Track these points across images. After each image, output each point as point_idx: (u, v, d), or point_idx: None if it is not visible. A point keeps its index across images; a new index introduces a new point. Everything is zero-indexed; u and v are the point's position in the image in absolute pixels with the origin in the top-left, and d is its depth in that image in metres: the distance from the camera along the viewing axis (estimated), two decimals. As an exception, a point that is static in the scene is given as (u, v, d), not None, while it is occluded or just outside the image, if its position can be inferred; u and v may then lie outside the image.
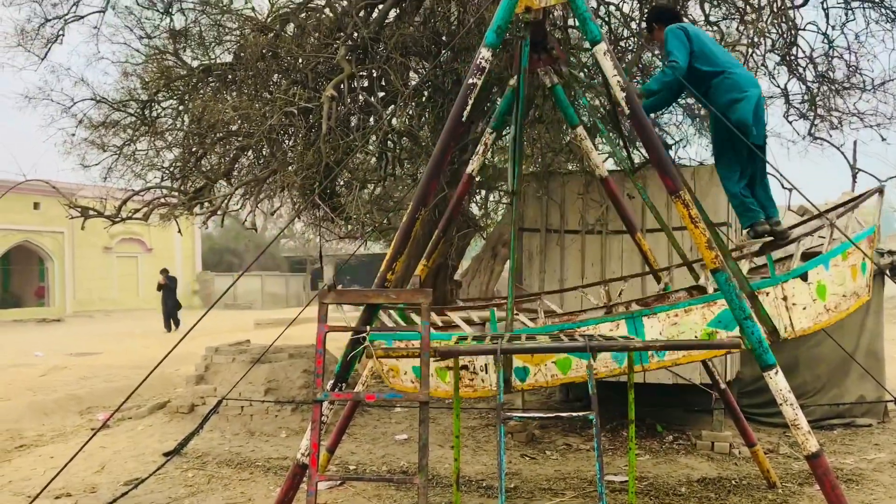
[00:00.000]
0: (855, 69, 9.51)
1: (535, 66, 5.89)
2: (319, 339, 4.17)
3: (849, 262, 5.63)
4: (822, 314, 5.48)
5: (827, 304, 5.47)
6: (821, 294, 5.42)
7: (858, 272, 5.70)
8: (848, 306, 5.63)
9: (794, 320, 5.35)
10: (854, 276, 5.66)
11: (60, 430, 9.83)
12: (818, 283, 5.40)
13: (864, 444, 8.48)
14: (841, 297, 5.57)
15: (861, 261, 5.70)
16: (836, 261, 5.59)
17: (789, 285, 5.36)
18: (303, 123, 8.78)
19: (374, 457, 8.16)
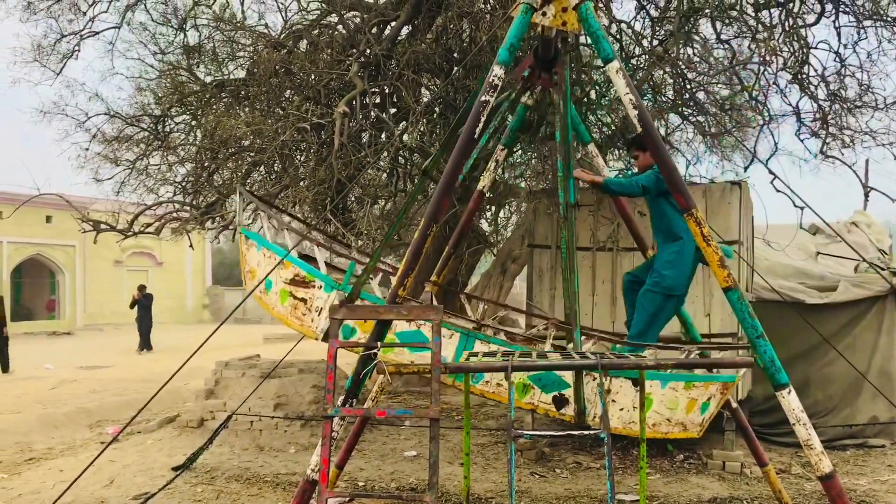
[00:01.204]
0: (867, 88, 9.48)
1: (545, 85, 5.92)
2: (331, 355, 4.16)
3: (690, 393, 5.53)
4: (634, 424, 5.39)
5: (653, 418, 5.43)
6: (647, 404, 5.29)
7: (697, 409, 5.60)
8: (666, 431, 5.57)
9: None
10: (689, 409, 5.56)
11: (70, 443, 9.84)
12: (648, 395, 5.28)
13: (877, 465, 8.40)
14: (664, 419, 5.50)
15: (705, 401, 5.59)
16: (676, 385, 5.51)
17: (617, 382, 5.34)
18: (315, 139, 8.83)
19: (383, 473, 8.13)
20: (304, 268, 5.73)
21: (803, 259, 10.42)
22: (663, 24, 9.32)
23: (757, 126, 10.20)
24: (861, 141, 9.85)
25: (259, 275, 6.00)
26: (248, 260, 6.38)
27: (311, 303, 5.64)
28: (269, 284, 5.89)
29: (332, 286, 5.57)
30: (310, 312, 5.63)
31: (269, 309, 6.03)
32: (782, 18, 9.08)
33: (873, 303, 9.37)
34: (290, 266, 5.75)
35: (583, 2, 4.81)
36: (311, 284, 5.66)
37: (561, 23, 5.03)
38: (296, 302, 5.70)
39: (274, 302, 5.88)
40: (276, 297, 5.85)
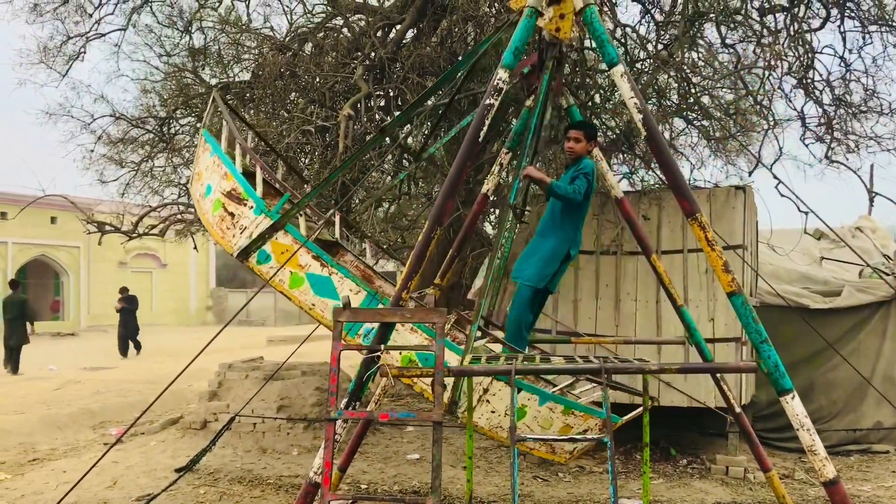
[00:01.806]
0: (872, 93, 9.47)
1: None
2: (334, 358, 4.16)
3: (567, 419, 5.46)
4: (500, 430, 5.39)
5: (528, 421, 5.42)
6: (517, 414, 5.29)
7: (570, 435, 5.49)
8: (531, 446, 5.58)
9: (476, 411, 5.34)
10: (562, 433, 5.48)
11: (73, 444, 9.85)
12: (521, 406, 5.30)
13: (881, 470, 8.38)
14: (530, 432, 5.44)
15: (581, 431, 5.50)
16: (555, 407, 5.45)
17: (496, 385, 5.32)
18: (319, 142, 8.85)
19: (385, 476, 8.12)
20: (243, 185, 5.75)
21: (807, 264, 10.41)
22: (668, 29, 9.31)
23: (762, 130, 10.18)
24: (866, 146, 9.83)
25: (204, 179, 6.05)
26: (199, 162, 6.42)
27: (238, 220, 5.67)
28: (210, 190, 5.94)
29: (262, 210, 5.59)
30: (233, 228, 5.69)
31: (201, 213, 6.09)
32: (787, 23, 9.08)
33: (878, 308, 9.35)
34: (232, 179, 5.78)
35: (588, 6, 4.81)
36: (244, 202, 5.68)
37: (554, 28, 5.04)
38: (225, 214, 5.73)
39: (207, 208, 5.93)
40: (210, 205, 5.90)
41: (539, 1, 4.88)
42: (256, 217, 5.60)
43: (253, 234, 5.55)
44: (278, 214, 5.51)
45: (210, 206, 5.89)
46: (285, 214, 5.48)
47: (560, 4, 4.94)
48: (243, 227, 5.63)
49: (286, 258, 5.43)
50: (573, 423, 5.53)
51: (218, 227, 5.79)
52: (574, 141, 5.94)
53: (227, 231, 5.72)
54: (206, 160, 6.22)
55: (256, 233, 5.51)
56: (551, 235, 5.89)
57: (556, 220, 5.90)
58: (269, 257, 5.57)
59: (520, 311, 5.90)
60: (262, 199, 5.77)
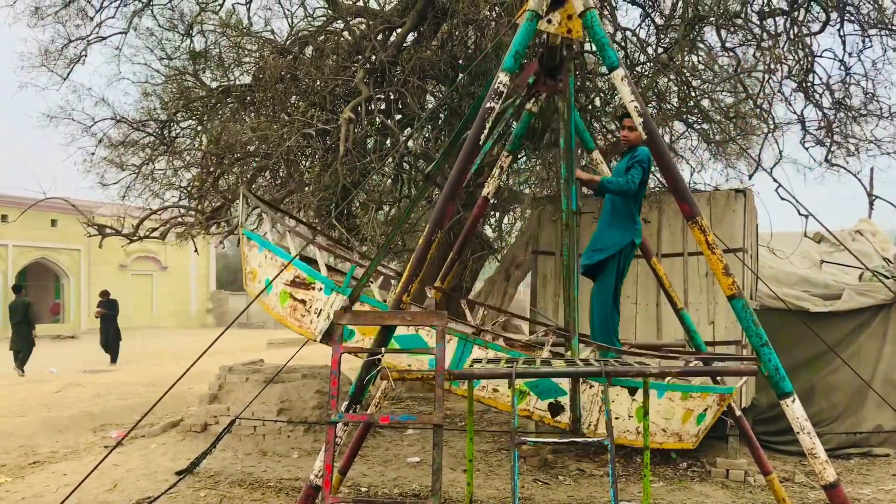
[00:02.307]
0: (872, 96, 9.50)
1: (550, 91, 5.94)
2: (335, 361, 4.18)
3: (686, 404, 5.54)
4: (629, 433, 5.44)
5: (640, 426, 5.40)
6: (638, 415, 5.34)
7: (692, 420, 5.60)
8: (661, 441, 5.58)
9: (599, 423, 5.36)
10: (685, 420, 5.57)
11: (74, 447, 9.85)
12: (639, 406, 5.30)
13: (881, 474, 8.37)
14: (659, 429, 5.51)
15: (702, 412, 5.60)
16: (673, 396, 5.53)
17: (614, 390, 5.33)
18: (320, 145, 8.86)
19: (385, 479, 8.12)
20: (305, 270, 5.75)
21: (807, 267, 10.41)
22: (668, 32, 9.34)
23: (762, 134, 10.21)
24: (866, 149, 9.86)
25: (259, 276, 6.03)
26: (249, 261, 6.41)
27: (311, 304, 5.65)
28: (270, 286, 5.92)
29: (332, 288, 5.59)
30: (309, 314, 5.65)
31: (268, 310, 6.05)
32: (787, 27, 9.10)
33: (878, 311, 9.35)
34: (291, 268, 5.77)
35: (588, 9, 4.83)
36: (312, 286, 5.67)
37: (566, 30, 5.06)
38: (295, 303, 5.72)
39: (274, 303, 5.90)
40: (276, 299, 5.88)
41: (540, 4, 4.89)
42: (328, 296, 5.58)
43: (330, 314, 5.51)
44: (350, 288, 5.47)
45: (276, 299, 5.84)
46: (357, 287, 5.40)
47: (564, 6, 4.96)
48: (318, 311, 5.60)
49: (370, 328, 5.31)
50: (693, 406, 5.59)
51: (292, 317, 5.73)
52: (629, 129, 6.01)
53: (304, 318, 5.67)
54: (257, 257, 6.20)
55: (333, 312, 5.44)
56: (612, 227, 5.97)
57: (617, 211, 5.96)
58: (353, 332, 5.54)
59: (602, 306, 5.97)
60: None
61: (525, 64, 5.83)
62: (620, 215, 5.96)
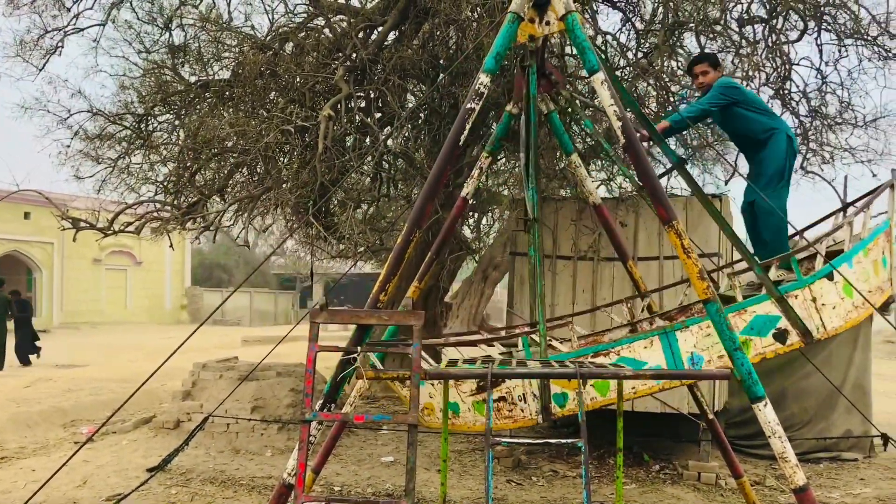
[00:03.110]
0: (847, 105, 9.62)
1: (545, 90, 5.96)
2: (310, 359, 4.15)
3: (870, 257, 5.65)
4: (852, 311, 5.47)
5: (855, 300, 5.45)
6: (848, 292, 5.42)
7: (880, 266, 5.72)
8: (875, 301, 5.63)
9: (825, 320, 5.35)
10: (877, 271, 5.68)
11: (43, 442, 9.73)
12: (844, 284, 5.40)
13: (850, 478, 8.48)
14: (867, 293, 5.58)
15: (882, 255, 5.72)
16: (859, 258, 5.60)
17: (817, 286, 5.35)
18: (299, 142, 8.81)
19: (359, 478, 8.10)
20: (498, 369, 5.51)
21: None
22: (648, 37, 9.40)
23: (738, 140, 10.28)
24: (840, 157, 9.98)
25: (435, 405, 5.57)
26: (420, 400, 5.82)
27: (510, 394, 5.40)
28: (455, 407, 5.52)
29: None
30: (516, 404, 5.39)
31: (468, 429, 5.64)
32: (766, 34, 9.20)
33: (849, 318, 9.45)
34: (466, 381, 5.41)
35: (570, 13, 4.84)
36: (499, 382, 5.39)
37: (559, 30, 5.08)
38: (497, 405, 5.44)
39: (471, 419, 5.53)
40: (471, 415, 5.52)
41: (521, 6, 4.90)
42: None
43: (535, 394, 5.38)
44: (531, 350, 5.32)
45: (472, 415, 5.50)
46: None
47: (546, 8, 4.97)
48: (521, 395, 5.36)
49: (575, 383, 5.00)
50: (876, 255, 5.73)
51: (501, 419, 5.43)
52: (702, 75, 6.25)
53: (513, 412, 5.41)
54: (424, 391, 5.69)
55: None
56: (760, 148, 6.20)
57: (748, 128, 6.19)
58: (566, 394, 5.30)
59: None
60: None
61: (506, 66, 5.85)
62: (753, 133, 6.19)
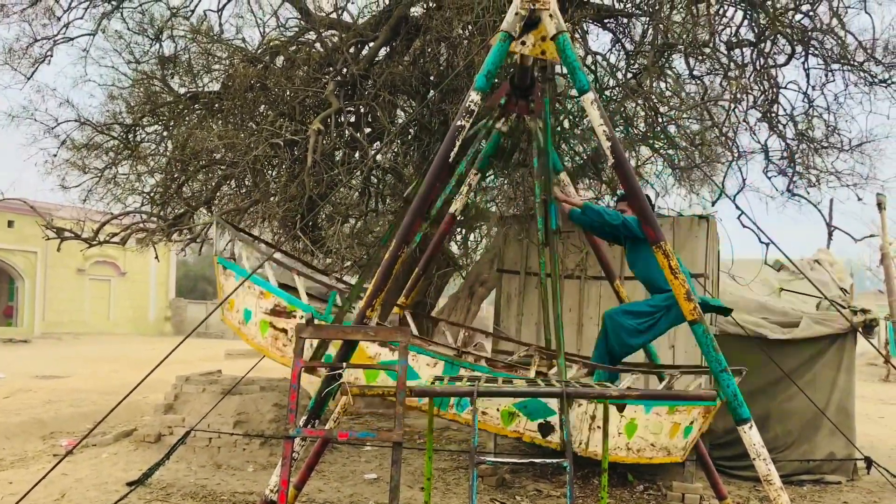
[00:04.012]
0: (833, 129, 9.70)
1: (521, 112, 5.98)
2: (294, 375, 4.12)
3: (673, 418, 5.58)
4: (620, 450, 5.46)
5: (630, 443, 5.47)
6: (628, 431, 5.41)
7: (680, 433, 5.66)
8: (651, 456, 5.60)
9: (590, 441, 5.40)
10: (673, 433, 5.62)
11: (21, 454, 9.60)
12: (630, 420, 5.39)
13: (833, 501, 8.48)
14: (648, 444, 5.55)
15: (688, 425, 5.67)
16: (660, 410, 5.55)
17: (602, 408, 5.34)
18: (288, 155, 8.80)
19: (342, 495, 8.03)
20: (285, 297, 5.67)
21: (767, 294, 10.55)
22: (637, 58, 9.46)
23: (726, 162, 10.37)
24: (826, 181, 10.05)
25: (237, 305, 5.93)
26: (225, 290, 6.27)
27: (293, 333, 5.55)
28: (249, 315, 5.80)
29: (315, 316, 5.50)
30: (290, 343, 5.54)
31: (248, 340, 5.91)
32: (754, 58, 9.28)
33: (834, 340, 9.49)
34: (271, 296, 5.67)
35: (561, 32, 4.87)
36: (293, 315, 5.57)
37: (540, 52, 5.09)
38: (277, 333, 5.61)
39: (254, 333, 5.77)
40: (255, 329, 5.76)
41: (513, 25, 4.92)
42: None
43: (313, 343, 5.45)
44: (332, 315, 5.40)
45: (256, 329, 5.76)
46: (339, 314, 5.33)
47: (538, 28, 5.00)
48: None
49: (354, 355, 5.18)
50: (680, 420, 5.58)
51: (273, 347, 5.64)
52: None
53: (286, 348, 5.59)
54: (234, 286, 6.10)
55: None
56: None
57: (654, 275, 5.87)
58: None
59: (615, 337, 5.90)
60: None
61: (496, 84, 5.87)
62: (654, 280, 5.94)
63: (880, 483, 9.05)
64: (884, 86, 9.02)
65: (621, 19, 9.62)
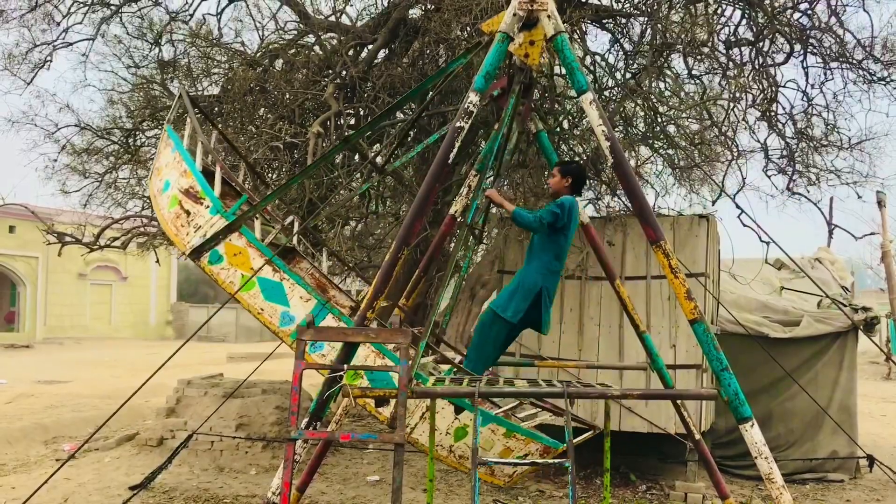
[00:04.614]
0: (833, 127, 9.68)
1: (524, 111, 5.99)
2: (296, 377, 4.12)
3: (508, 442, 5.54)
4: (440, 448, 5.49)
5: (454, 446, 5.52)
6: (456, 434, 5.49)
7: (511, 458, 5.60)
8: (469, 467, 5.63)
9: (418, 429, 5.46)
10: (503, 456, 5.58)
11: (24, 459, 9.61)
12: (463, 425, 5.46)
13: (835, 499, 8.48)
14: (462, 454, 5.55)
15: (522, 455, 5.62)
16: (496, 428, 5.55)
17: (440, 403, 5.36)
18: (288, 158, 8.81)
19: (344, 498, 8.04)
20: (201, 184, 5.72)
21: (768, 293, 10.55)
22: (636, 58, 9.46)
23: (725, 161, 10.36)
24: (826, 179, 10.03)
25: (163, 176, 6.03)
26: (160, 158, 6.39)
27: (193, 218, 5.66)
28: (168, 186, 5.91)
29: (219, 210, 5.57)
30: (188, 226, 5.68)
31: (157, 209, 6.08)
32: (752, 57, 9.27)
33: (835, 339, 9.50)
34: (191, 177, 5.75)
35: (559, 33, 4.87)
36: (201, 201, 5.67)
37: (523, 54, 5.10)
38: (180, 212, 5.71)
39: (164, 204, 5.90)
40: (167, 200, 5.88)
41: (511, 26, 4.93)
42: (212, 217, 5.59)
43: (207, 233, 5.53)
44: (234, 216, 5.49)
45: (167, 202, 5.86)
46: (241, 216, 5.48)
47: (531, 31, 5.00)
48: (198, 226, 5.61)
49: (239, 261, 5.44)
50: (514, 447, 5.56)
51: (172, 223, 5.75)
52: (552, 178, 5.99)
53: (182, 229, 5.69)
54: (168, 156, 6.19)
55: (211, 233, 5.51)
56: (525, 267, 5.80)
57: (532, 252, 5.82)
58: (222, 258, 5.55)
59: (479, 338, 5.79)
60: (221, 200, 5.74)
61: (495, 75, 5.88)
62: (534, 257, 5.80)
63: (883, 481, 9.05)
64: (883, 83, 9.01)
65: (620, 19, 9.61)
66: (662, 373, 6.32)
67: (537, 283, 5.63)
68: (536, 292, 5.62)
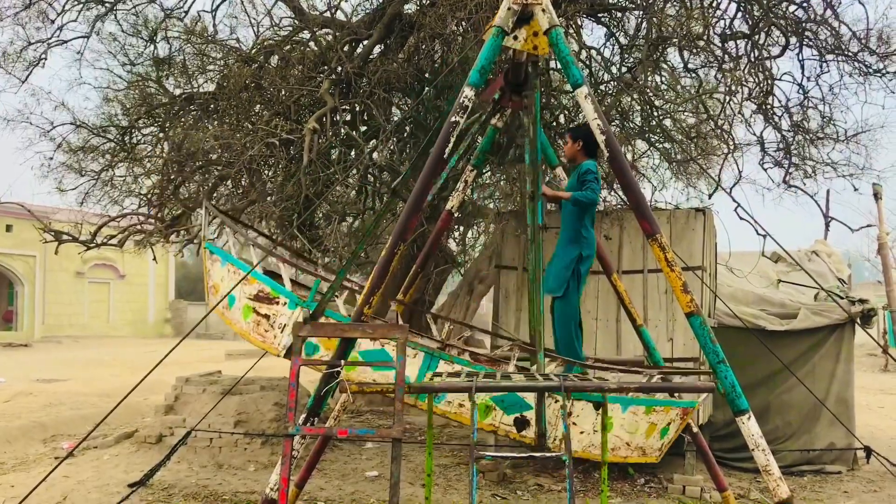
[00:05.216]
0: (829, 120, 9.68)
1: (515, 107, 5.99)
2: (293, 373, 4.12)
3: (650, 418, 5.59)
4: (593, 448, 5.46)
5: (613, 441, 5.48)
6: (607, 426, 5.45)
7: (656, 434, 5.67)
8: (625, 455, 5.62)
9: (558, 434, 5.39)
10: (649, 434, 5.63)
11: (23, 458, 9.61)
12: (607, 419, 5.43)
13: (833, 491, 8.50)
14: (623, 443, 5.56)
15: (665, 426, 5.68)
16: (637, 410, 5.58)
17: (579, 405, 5.38)
18: (284, 155, 8.80)
19: (343, 493, 8.05)
20: (269, 284, 5.71)
21: (765, 286, 10.57)
22: (632, 52, 9.46)
23: (722, 154, 10.37)
24: (823, 171, 10.05)
25: (223, 290, 5.97)
26: (211, 275, 6.34)
27: (275, 319, 5.61)
28: (233, 300, 5.86)
29: (297, 303, 5.54)
30: (272, 329, 5.60)
31: (231, 324, 5.99)
32: (748, 50, 9.27)
33: (832, 331, 9.51)
34: (255, 282, 5.72)
35: (553, 27, 4.87)
36: (276, 301, 5.63)
37: (532, 47, 5.10)
38: (259, 318, 5.67)
39: (237, 318, 5.84)
40: (238, 313, 5.82)
41: (506, 21, 4.93)
42: (293, 311, 5.55)
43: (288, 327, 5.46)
44: (315, 302, 5.41)
45: (239, 314, 5.81)
46: (322, 301, 5.34)
47: (530, 23, 5.00)
48: (282, 326, 5.56)
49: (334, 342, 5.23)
50: (657, 420, 5.62)
51: (255, 332, 5.69)
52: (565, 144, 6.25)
53: (267, 333, 5.63)
54: (220, 271, 6.16)
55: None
56: (561, 242, 6.04)
57: (566, 225, 6.03)
58: (317, 347, 5.48)
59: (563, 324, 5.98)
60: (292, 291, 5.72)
61: (491, 79, 5.88)
62: (569, 230, 6.02)
63: (880, 472, 9.08)
64: (878, 76, 9.01)
65: (615, 13, 9.61)
66: (659, 365, 6.33)
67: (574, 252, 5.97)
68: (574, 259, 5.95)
